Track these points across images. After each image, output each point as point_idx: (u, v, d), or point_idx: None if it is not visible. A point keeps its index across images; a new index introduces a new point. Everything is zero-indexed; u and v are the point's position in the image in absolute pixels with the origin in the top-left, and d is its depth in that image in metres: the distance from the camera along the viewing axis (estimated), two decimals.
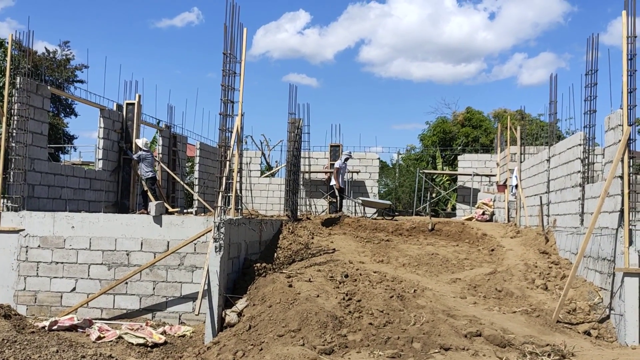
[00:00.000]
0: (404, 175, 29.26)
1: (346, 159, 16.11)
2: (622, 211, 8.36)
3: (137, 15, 79.70)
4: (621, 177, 8.44)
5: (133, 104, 14.40)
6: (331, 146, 20.24)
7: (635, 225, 8.36)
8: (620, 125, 8.64)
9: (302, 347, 6.89)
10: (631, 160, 8.50)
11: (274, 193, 21.73)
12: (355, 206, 20.20)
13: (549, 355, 6.60)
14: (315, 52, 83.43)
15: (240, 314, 8.66)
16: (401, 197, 28.05)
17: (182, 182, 17.08)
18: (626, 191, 8.31)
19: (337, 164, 16.21)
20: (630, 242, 8.16)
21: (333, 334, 7.24)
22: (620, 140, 8.49)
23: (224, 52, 9.84)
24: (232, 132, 10.07)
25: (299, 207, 16.35)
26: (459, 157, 23.37)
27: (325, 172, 20.43)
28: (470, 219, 17.73)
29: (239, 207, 10.43)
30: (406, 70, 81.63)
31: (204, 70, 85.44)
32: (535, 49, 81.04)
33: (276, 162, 30.17)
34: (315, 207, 20.30)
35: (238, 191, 10.36)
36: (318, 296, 8.53)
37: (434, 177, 26.04)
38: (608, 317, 8.58)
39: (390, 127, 76.63)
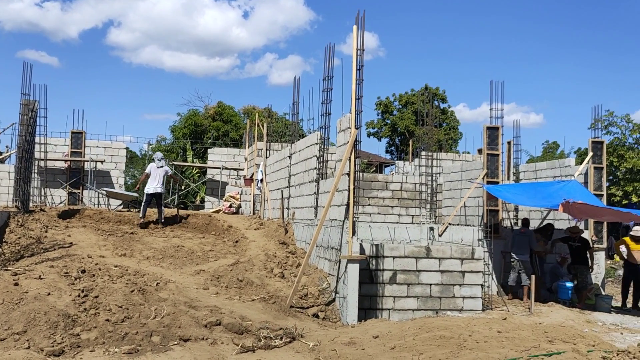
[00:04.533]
0: None
1: (160, 160, 14.33)
2: (348, 205, 9.36)
3: None
4: (348, 174, 9.45)
5: None
6: (72, 133, 18.74)
7: (358, 217, 9.43)
8: (349, 127, 9.65)
9: (27, 350, 6.28)
10: (357, 160, 9.57)
11: (2, 181, 19.41)
12: (98, 197, 19.06)
13: (281, 338, 7.10)
14: (57, 29, 76.58)
15: None
16: None
17: None
18: (351, 187, 9.33)
19: (148, 169, 14.55)
20: (354, 232, 9.18)
21: (64, 334, 6.74)
22: (349, 141, 9.50)
23: None
24: None
25: (31, 198, 14.87)
26: (209, 151, 23.63)
27: (65, 160, 18.85)
28: (217, 212, 18.10)
29: None
30: (158, 58, 79.70)
31: None
32: (284, 51, 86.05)
33: (7, 147, 26.79)
34: (52, 198, 18.62)
35: None
36: (49, 294, 7.87)
37: (183, 169, 25.89)
38: (334, 300, 9.55)
39: (141, 116, 74.01)
